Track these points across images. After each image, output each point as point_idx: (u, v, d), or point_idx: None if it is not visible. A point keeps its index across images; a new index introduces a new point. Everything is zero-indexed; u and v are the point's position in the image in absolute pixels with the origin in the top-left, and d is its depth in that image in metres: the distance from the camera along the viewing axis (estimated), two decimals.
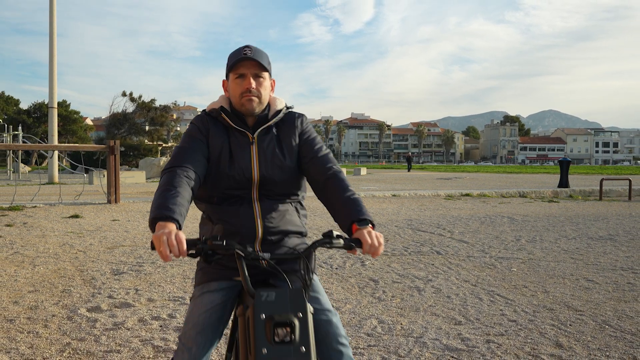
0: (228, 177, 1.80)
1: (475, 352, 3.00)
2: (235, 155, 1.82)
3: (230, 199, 1.83)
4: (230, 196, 1.82)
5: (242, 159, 1.82)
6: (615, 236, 7.51)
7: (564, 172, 17.67)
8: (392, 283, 4.64)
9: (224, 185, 1.81)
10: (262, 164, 1.83)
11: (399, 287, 4.49)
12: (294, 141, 1.90)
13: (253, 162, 1.82)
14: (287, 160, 1.86)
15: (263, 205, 1.83)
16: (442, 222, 8.88)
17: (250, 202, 1.83)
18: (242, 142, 1.85)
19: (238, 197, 1.82)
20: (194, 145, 1.81)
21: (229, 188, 1.81)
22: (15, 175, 27.69)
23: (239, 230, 1.78)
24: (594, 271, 5.17)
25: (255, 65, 1.82)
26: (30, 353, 2.96)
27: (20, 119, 53.86)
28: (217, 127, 1.87)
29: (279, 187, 1.85)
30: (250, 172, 1.81)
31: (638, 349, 3.06)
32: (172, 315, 3.68)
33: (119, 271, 5.01)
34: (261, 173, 1.82)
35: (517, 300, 4.10)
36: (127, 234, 7.32)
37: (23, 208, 10.49)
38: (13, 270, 5.01)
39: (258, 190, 1.83)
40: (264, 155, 1.84)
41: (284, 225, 1.84)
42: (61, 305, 3.88)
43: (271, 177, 1.83)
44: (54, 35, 19.86)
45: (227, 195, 1.82)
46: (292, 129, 1.92)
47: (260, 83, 1.85)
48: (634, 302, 4.08)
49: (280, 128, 1.92)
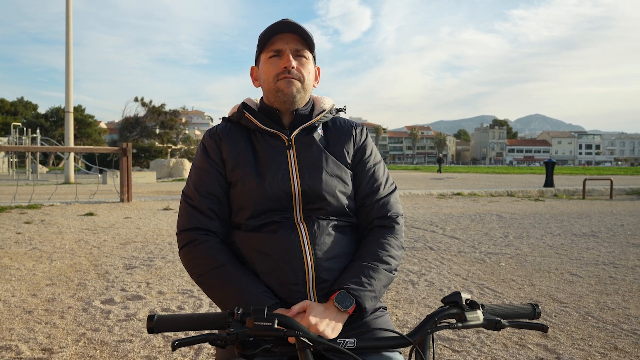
0: (259, 195, 1.26)
1: (466, 341, 3.00)
2: (266, 164, 1.29)
3: (263, 225, 1.27)
4: (262, 220, 1.27)
5: (276, 168, 1.28)
6: (597, 233, 7.50)
7: (549, 173, 17.66)
8: None
9: (252, 205, 1.26)
10: (305, 172, 1.28)
11: (394, 281, 4.49)
12: (347, 152, 1.37)
13: (292, 172, 1.28)
14: (337, 169, 1.32)
15: (310, 227, 1.25)
16: (434, 220, 8.87)
17: (293, 224, 1.26)
18: (274, 146, 1.31)
19: (273, 222, 1.26)
20: (207, 180, 1.31)
21: (260, 209, 1.26)
22: (34, 175, 27.69)
23: (278, 265, 1.20)
24: (578, 266, 5.17)
25: (295, 39, 1.30)
26: (47, 342, 2.96)
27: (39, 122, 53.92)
28: (236, 135, 1.35)
29: (331, 205, 1.29)
30: (289, 184, 1.27)
31: (619, 339, 3.05)
32: (181, 307, 3.68)
33: (131, 266, 5.01)
34: (304, 185, 1.27)
35: (505, 293, 4.10)
36: (138, 231, 7.31)
37: (41, 206, 10.49)
38: (32, 265, 5.01)
39: (302, 208, 1.28)
40: (305, 161, 1.30)
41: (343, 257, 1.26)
42: (77, 298, 3.88)
43: (318, 190, 1.27)
44: (70, 44, 19.86)
45: (259, 218, 1.27)
46: (348, 137, 1.38)
47: (303, 64, 1.31)
48: (615, 294, 4.08)
49: (328, 132, 1.39)
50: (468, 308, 0.97)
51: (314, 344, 0.92)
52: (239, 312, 0.89)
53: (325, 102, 1.41)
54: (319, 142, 1.34)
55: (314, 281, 1.20)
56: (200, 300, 3.81)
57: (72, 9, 19.90)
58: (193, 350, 2.84)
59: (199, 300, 3.81)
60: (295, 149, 1.32)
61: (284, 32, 1.29)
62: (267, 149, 1.31)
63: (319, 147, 1.33)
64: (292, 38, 1.29)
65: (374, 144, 1.45)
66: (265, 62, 1.32)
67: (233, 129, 1.36)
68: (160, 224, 8.01)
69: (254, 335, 0.88)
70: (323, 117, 1.37)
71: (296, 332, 0.90)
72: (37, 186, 17.01)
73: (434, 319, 0.96)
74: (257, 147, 1.33)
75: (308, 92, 1.34)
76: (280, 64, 1.28)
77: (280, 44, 1.29)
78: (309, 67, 1.32)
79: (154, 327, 0.91)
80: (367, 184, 1.35)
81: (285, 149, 1.31)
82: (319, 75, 1.42)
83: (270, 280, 1.21)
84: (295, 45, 1.30)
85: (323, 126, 1.40)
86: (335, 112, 1.41)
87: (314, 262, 1.20)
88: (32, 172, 28.69)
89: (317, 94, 1.48)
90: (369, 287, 1.16)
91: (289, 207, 1.27)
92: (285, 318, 0.91)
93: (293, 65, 1.28)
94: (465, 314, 0.95)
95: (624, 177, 29.48)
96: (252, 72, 1.42)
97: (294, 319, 0.94)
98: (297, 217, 1.27)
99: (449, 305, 0.98)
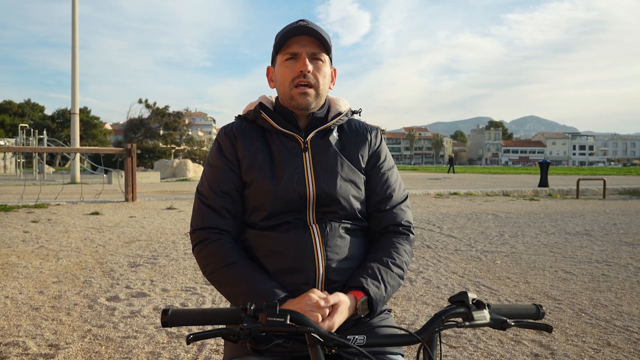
0: (274, 196, 1.24)
1: (463, 337, 3.00)
2: (281, 166, 1.27)
3: (276, 225, 1.26)
4: (276, 220, 1.26)
5: (292, 171, 1.26)
6: (590, 231, 7.50)
7: (544, 173, 17.66)
8: None
9: (268, 207, 1.25)
10: (320, 176, 1.27)
11: None
12: (362, 156, 1.34)
13: (307, 174, 1.26)
14: (352, 174, 1.31)
15: (322, 228, 1.24)
16: (432, 219, 8.87)
17: (306, 225, 1.25)
18: (290, 148, 1.29)
19: (286, 222, 1.25)
20: (220, 179, 1.29)
21: (274, 210, 1.25)
22: (41, 175, 27.68)
23: (290, 264, 1.20)
24: (571, 263, 5.17)
25: (312, 42, 1.26)
26: (54, 338, 2.96)
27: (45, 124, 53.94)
28: (251, 134, 1.32)
29: (344, 209, 1.27)
30: (304, 186, 1.25)
31: (612, 335, 3.05)
32: (184, 304, 3.68)
33: (136, 264, 5.01)
34: (319, 188, 1.25)
35: (501, 290, 4.10)
36: (143, 230, 7.31)
37: (47, 206, 10.49)
38: (38, 263, 5.01)
39: (315, 210, 1.27)
40: (321, 165, 1.28)
41: (353, 260, 1.25)
42: (82, 295, 3.88)
43: (333, 194, 1.26)
44: (76, 47, 19.86)
45: (273, 219, 1.26)
46: (363, 141, 1.36)
47: (319, 67, 1.28)
48: (607, 292, 4.08)
49: (344, 135, 1.37)
50: (475, 307, 0.96)
51: (325, 340, 0.92)
52: (251, 307, 0.89)
53: (341, 105, 1.38)
54: (334, 145, 1.32)
55: (324, 282, 1.19)
56: (203, 298, 3.81)
57: (78, 13, 19.90)
58: (196, 346, 2.84)
59: (202, 297, 3.81)
60: (311, 151, 1.29)
61: (301, 34, 1.25)
62: (283, 150, 1.29)
63: (335, 150, 1.31)
64: (309, 41, 1.26)
65: (387, 148, 1.42)
66: (281, 64, 1.29)
67: (248, 128, 1.33)
68: (164, 223, 8.01)
69: (267, 330, 0.87)
70: (339, 120, 1.34)
71: (307, 327, 0.90)
72: (43, 186, 17.01)
73: (442, 317, 0.96)
74: (272, 147, 1.30)
75: (323, 96, 1.32)
76: (297, 67, 1.26)
77: (296, 47, 1.26)
78: (324, 70, 1.29)
79: (168, 321, 0.91)
80: (380, 190, 1.33)
81: (300, 151, 1.29)
82: (335, 77, 1.39)
83: (281, 278, 1.20)
84: (311, 48, 1.26)
85: (338, 129, 1.37)
86: (350, 114, 1.39)
87: (325, 263, 1.19)
88: (39, 172, 28.68)
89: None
90: (384, 293, 1.17)
91: (303, 209, 1.26)
92: (297, 314, 0.91)
93: (309, 69, 1.25)
94: (473, 313, 0.95)
95: (617, 177, 29.48)
96: (268, 72, 1.39)
97: (305, 315, 0.93)
98: (309, 219, 1.26)
99: (455, 304, 0.98)
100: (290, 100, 1.28)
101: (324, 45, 1.28)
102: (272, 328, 0.87)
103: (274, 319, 0.87)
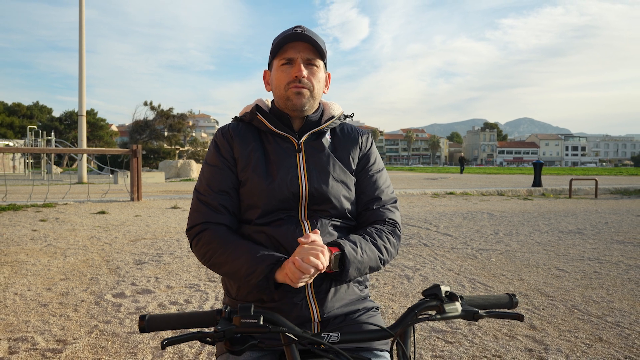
0: (268, 195, 1.26)
1: (459, 333, 3.00)
2: (276, 166, 1.29)
3: (270, 222, 1.28)
4: (270, 218, 1.28)
5: (286, 170, 1.28)
6: (583, 230, 7.50)
7: (538, 173, 17.65)
8: (384, 272, 4.63)
9: (262, 205, 1.27)
10: (313, 176, 1.29)
11: (390, 276, 4.49)
12: (352, 159, 1.37)
13: (300, 174, 1.28)
14: (343, 175, 1.33)
15: (313, 225, 1.27)
16: (428, 218, 8.87)
17: (298, 222, 1.28)
18: (284, 149, 1.31)
19: (279, 219, 1.28)
20: (218, 177, 1.30)
21: (268, 208, 1.27)
22: (49, 175, 27.70)
23: (282, 250, 1.24)
24: (564, 261, 5.17)
25: (307, 48, 1.28)
26: (62, 334, 2.96)
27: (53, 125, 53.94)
28: (247, 135, 1.34)
29: (334, 208, 1.30)
30: (297, 185, 1.27)
31: (603, 330, 3.05)
32: (189, 300, 3.68)
33: (141, 261, 5.01)
34: (311, 187, 1.28)
35: (496, 287, 4.10)
36: (148, 228, 7.31)
37: (55, 205, 10.49)
38: (46, 261, 5.01)
39: (307, 208, 1.29)
40: (313, 165, 1.31)
41: None
42: (89, 292, 3.88)
43: (324, 192, 1.28)
44: (83, 51, 19.85)
45: (267, 217, 1.28)
46: (354, 144, 1.39)
47: (314, 73, 1.30)
48: (599, 288, 4.08)
49: (336, 138, 1.39)
50: (447, 300, 0.96)
51: (299, 339, 0.91)
52: (226, 310, 0.89)
53: (334, 109, 1.40)
54: (327, 147, 1.35)
55: None
56: (207, 294, 3.81)
57: (85, 18, 19.89)
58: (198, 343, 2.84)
59: (205, 294, 3.81)
60: (305, 152, 1.32)
61: (297, 40, 1.27)
62: (278, 150, 1.31)
63: (327, 152, 1.33)
64: (304, 47, 1.28)
65: (377, 152, 1.45)
66: (277, 69, 1.30)
67: (244, 129, 1.35)
68: (169, 222, 8.00)
69: (241, 332, 0.87)
70: (332, 123, 1.36)
71: (281, 328, 0.89)
72: (51, 186, 17.01)
73: (415, 311, 0.96)
74: (267, 148, 1.32)
75: (317, 99, 1.34)
76: (292, 72, 1.27)
77: (292, 53, 1.27)
78: (319, 76, 1.31)
79: (145, 326, 0.90)
80: (369, 191, 1.36)
81: (294, 151, 1.31)
82: (329, 82, 1.41)
83: None
84: (306, 54, 1.28)
85: (331, 131, 1.40)
86: (343, 118, 1.42)
87: None
88: (47, 172, 28.69)
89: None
90: (359, 257, 1.18)
91: (295, 207, 1.28)
92: (271, 315, 0.90)
93: (304, 74, 1.26)
94: (444, 305, 0.94)
95: (608, 177, 29.47)
96: (264, 76, 1.40)
97: (280, 315, 0.93)
98: (301, 216, 1.28)
99: (429, 297, 0.97)
100: (286, 101, 1.29)
101: (319, 51, 1.29)
102: (246, 329, 0.86)
103: (247, 320, 0.86)
